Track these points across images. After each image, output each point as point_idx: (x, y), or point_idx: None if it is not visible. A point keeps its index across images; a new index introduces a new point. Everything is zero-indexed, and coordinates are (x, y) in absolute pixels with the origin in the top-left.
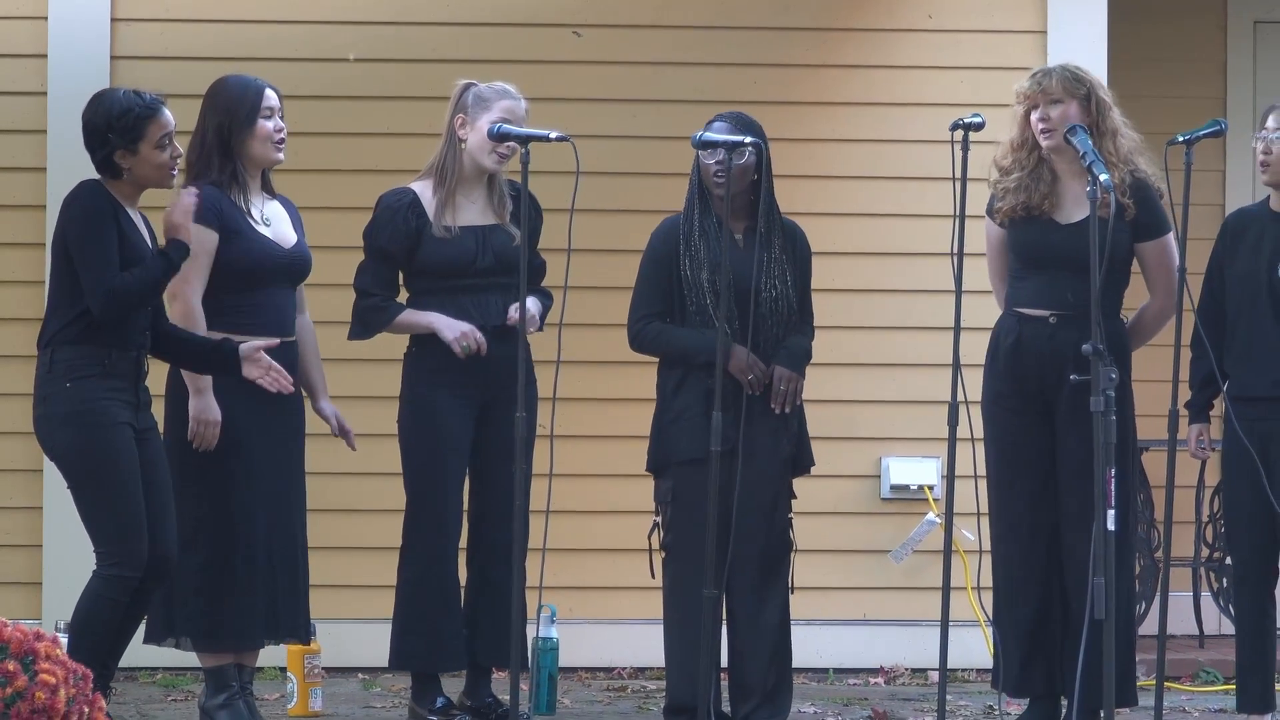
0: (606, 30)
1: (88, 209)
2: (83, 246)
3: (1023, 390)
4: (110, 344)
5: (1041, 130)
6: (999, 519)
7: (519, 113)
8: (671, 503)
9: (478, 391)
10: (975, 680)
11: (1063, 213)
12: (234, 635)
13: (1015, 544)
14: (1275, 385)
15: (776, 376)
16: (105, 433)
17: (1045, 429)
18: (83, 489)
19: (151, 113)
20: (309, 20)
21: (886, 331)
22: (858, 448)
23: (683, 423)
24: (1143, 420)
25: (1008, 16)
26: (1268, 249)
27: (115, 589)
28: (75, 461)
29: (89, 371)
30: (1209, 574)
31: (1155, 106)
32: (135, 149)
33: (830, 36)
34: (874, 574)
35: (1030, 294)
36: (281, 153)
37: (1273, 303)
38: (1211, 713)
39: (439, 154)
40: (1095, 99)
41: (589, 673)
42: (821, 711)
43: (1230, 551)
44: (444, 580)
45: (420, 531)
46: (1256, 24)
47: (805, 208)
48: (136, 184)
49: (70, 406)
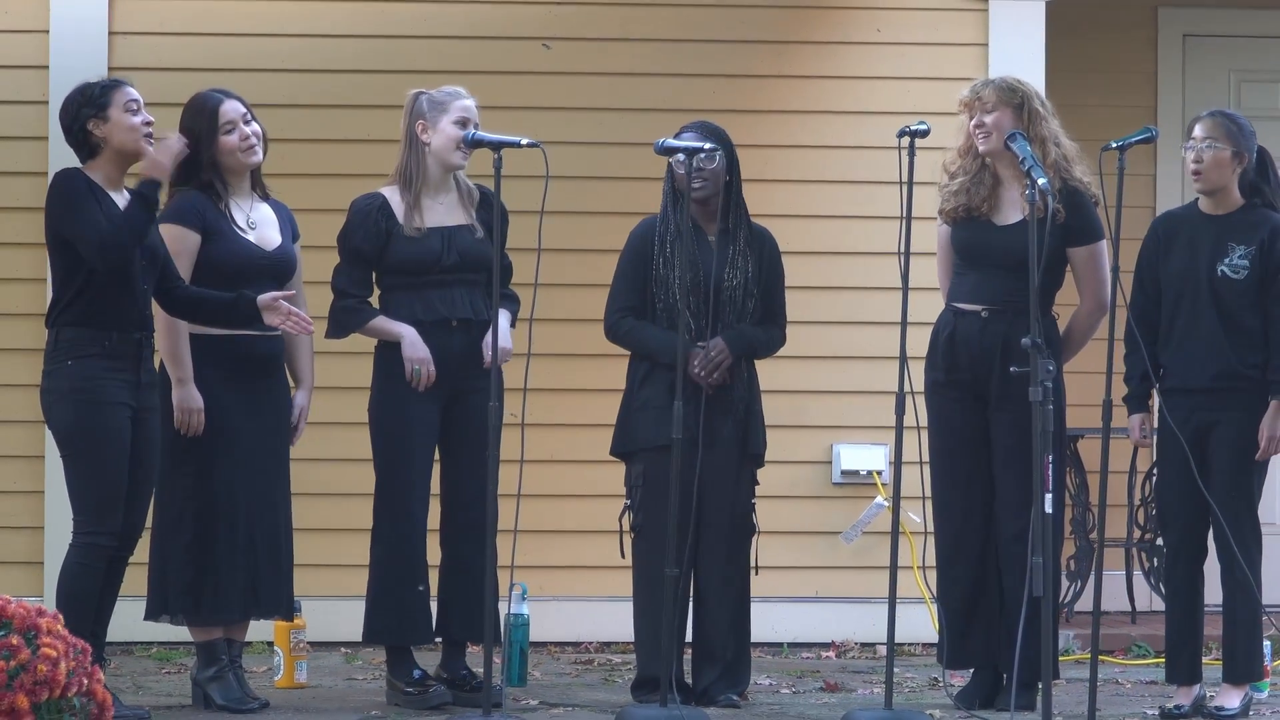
0: (574, 43)
1: (64, 189)
2: (67, 214)
3: (957, 379)
4: (111, 326)
5: (979, 137)
6: (938, 500)
7: (472, 110)
8: (642, 486)
9: (445, 381)
10: (921, 654)
11: (1000, 215)
12: (215, 610)
13: (953, 524)
14: (1215, 378)
15: (711, 344)
16: (99, 410)
17: (979, 416)
18: (71, 460)
19: (116, 83)
20: (294, 34)
21: (838, 326)
22: (811, 435)
23: (649, 410)
24: (1078, 409)
25: (951, 30)
26: (1205, 248)
27: (90, 555)
28: (68, 434)
29: (90, 351)
30: (1140, 554)
31: (1090, 115)
32: (105, 115)
33: (785, 49)
34: (826, 554)
35: (966, 290)
36: (255, 155)
37: (1213, 298)
38: (1143, 684)
39: (401, 161)
40: (1029, 108)
41: (558, 647)
42: (777, 683)
43: (1163, 532)
44: (411, 560)
45: (388, 514)
46: (1185, 37)
47: (761, 210)
48: (115, 158)
49: (70, 383)
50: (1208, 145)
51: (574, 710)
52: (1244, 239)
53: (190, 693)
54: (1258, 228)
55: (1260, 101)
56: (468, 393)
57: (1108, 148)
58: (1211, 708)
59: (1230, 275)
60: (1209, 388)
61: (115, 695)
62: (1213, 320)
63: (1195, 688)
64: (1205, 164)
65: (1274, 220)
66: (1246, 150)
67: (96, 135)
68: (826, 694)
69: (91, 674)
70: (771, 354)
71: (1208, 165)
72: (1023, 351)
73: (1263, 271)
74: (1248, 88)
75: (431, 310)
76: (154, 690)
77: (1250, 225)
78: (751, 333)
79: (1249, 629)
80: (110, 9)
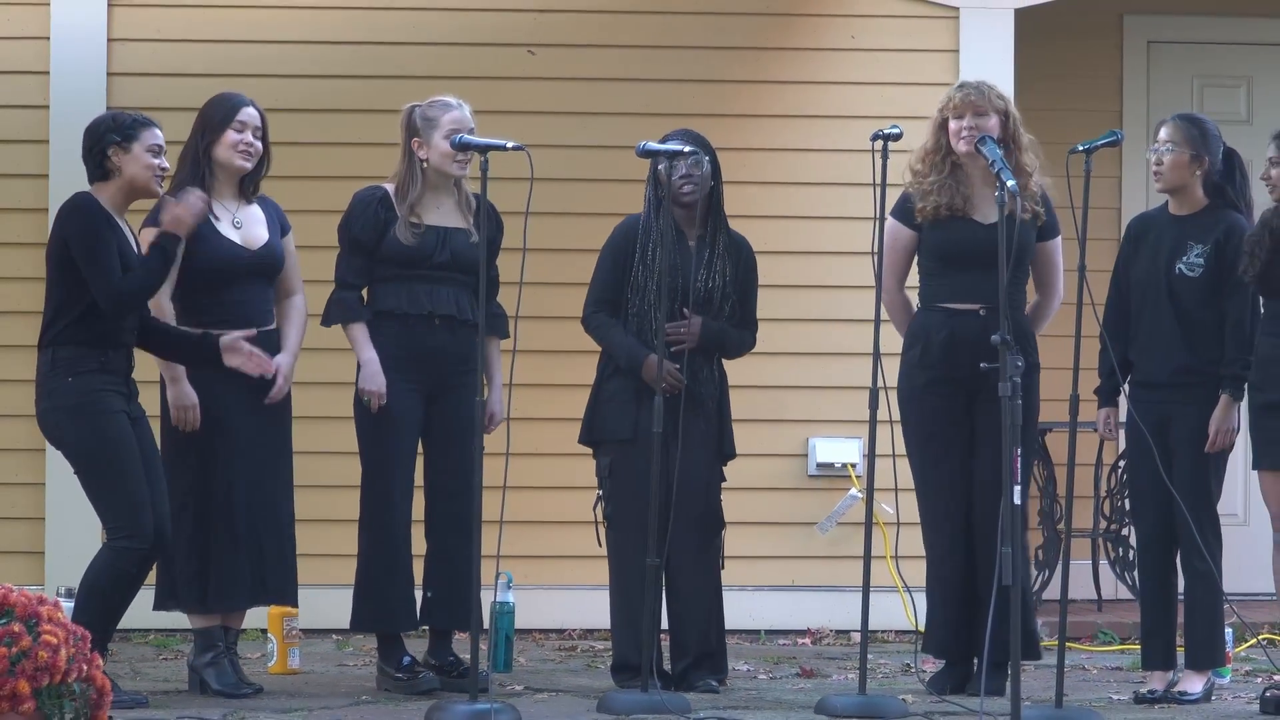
0: (558, 49)
1: (87, 220)
2: (89, 254)
3: (954, 377)
4: (107, 343)
5: (964, 137)
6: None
7: (463, 118)
8: (609, 477)
9: (427, 377)
10: (894, 641)
11: (981, 213)
12: (221, 599)
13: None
14: (1173, 373)
15: (691, 320)
16: (108, 420)
17: (968, 413)
18: (91, 473)
19: (148, 122)
20: (288, 40)
21: (813, 324)
22: (787, 429)
23: (614, 404)
24: (1047, 404)
25: (923, 37)
26: (1166, 249)
27: (126, 560)
28: (83, 448)
29: (89, 367)
30: (1106, 544)
31: (1058, 119)
32: (128, 148)
33: (762, 55)
34: (802, 544)
35: (957, 290)
36: (246, 162)
37: (1170, 297)
38: (1109, 670)
39: (400, 172)
40: (1011, 115)
41: (543, 634)
42: (754, 669)
43: (1134, 523)
44: (395, 550)
45: (373, 506)
46: (1149, 44)
47: (740, 211)
48: (125, 188)
49: (75, 399)
50: (1168, 148)
51: (558, 695)
52: (1202, 238)
53: (187, 678)
54: (1215, 227)
55: (1222, 106)
56: (450, 388)
57: (1074, 151)
58: (1175, 692)
59: (1187, 274)
60: (1167, 383)
61: (114, 681)
62: (1170, 318)
63: (1169, 673)
64: (1164, 166)
65: (1230, 219)
66: (1208, 153)
67: (113, 162)
68: (802, 680)
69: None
70: (740, 355)
71: (1166, 167)
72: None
73: (1218, 269)
74: (1210, 92)
75: (417, 304)
76: (151, 676)
77: (1209, 225)
78: (726, 329)
79: (1210, 617)
80: (109, 16)
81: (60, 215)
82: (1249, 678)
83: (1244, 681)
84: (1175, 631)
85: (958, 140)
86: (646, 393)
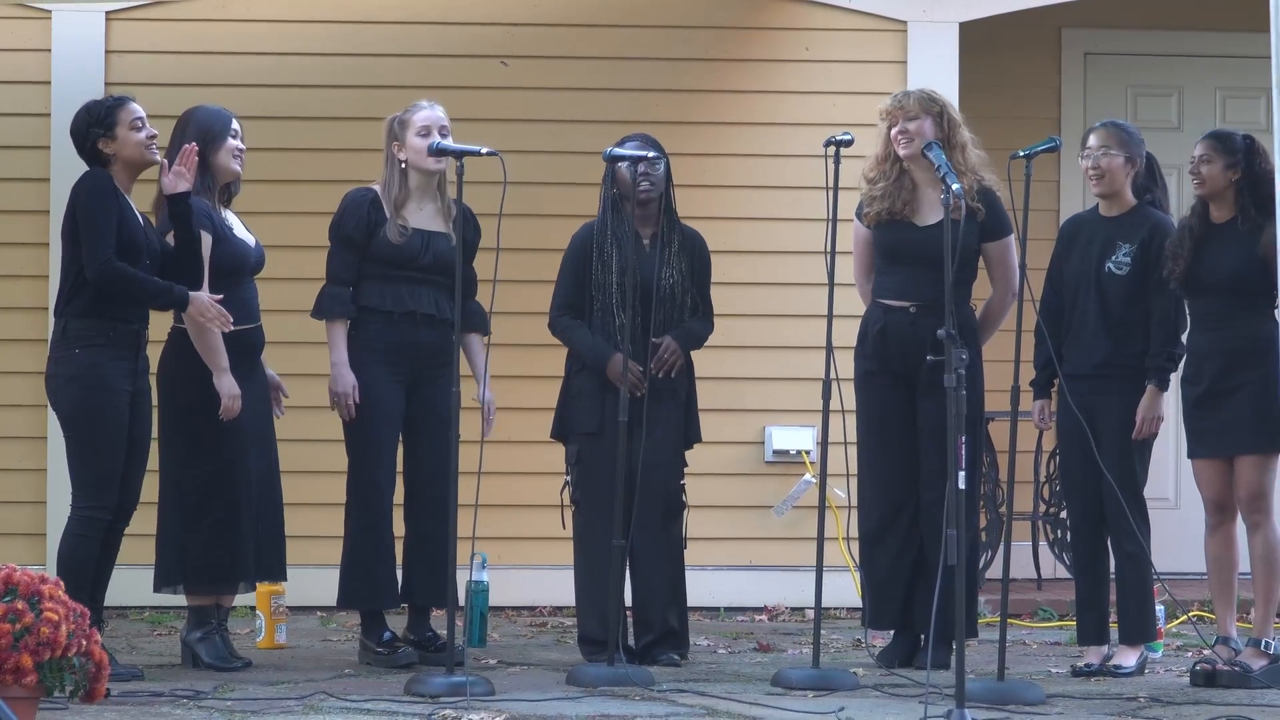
0: (529, 61)
1: (95, 189)
2: (87, 218)
3: (888, 369)
4: (114, 318)
5: (900, 143)
6: (867, 478)
7: (434, 116)
8: (577, 465)
9: (407, 370)
10: (846, 617)
11: (920, 216)
12: (222, 579)
13: (880, 499)
14: (1097, 366)
15: (664, 346)
16: (101, 396)
17: (906, 402)
18: (73, 440)
19: (119, 102)
20: (276, 53)
21: (770, 319)
22: (745, 418)
23: (582, 399)
24: (990, 394)
25: (873, 49)
26: (1097, 248)
27: (87, 527)
28: (72, 417)
29: (96, 340)
30: (1045, 526)
31: (999, 126)
32: (113, 134)
33: (721, 66)
34: (759, 526)
35: (893, 287)
36: (241, 165)
37: (1098, 294)
38: (1048, 645)
39: (384, 177)
40: (947, 117)
41: (515, 611)
42: (714, 644)
43: (1066, 505)
44: (380, 532)
45: (359, 491)
46: (1086, 56)
47: (701, 213)
48: (125, 167)
49: (77, 370)
50: (1103, 153)
51: (530, 669)
52: (1129, 237)
53: (180, 653)
54: (1141, 226)
55: (1154, 114)
56: (428, 380)
57: (1015, 156)
58: (1110, 666)
59: (1115, 272)
60: (1093, 374)
61: (111, 655)
62: (1096, 313)
63: (1104, 648)
64: (1104, 169)
65: (1155, 218)
66: (1137, 155)
67: (106, 152)
68: (760, 654)
69: (90, 636)
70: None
71: (1106, 170)
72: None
73: (1143, 267)
74: (1143, 101)
75: (400, 303)
76: (146, 650)
77: (1136, 225)
78: (696, 329)
79: (1140, 596)
80: (107, 30)
81: (72, 190)
82: (1180, 652)
83: (1176, 656)
84: (1108, 609)
85: (897, 146)
86: (611, 388)
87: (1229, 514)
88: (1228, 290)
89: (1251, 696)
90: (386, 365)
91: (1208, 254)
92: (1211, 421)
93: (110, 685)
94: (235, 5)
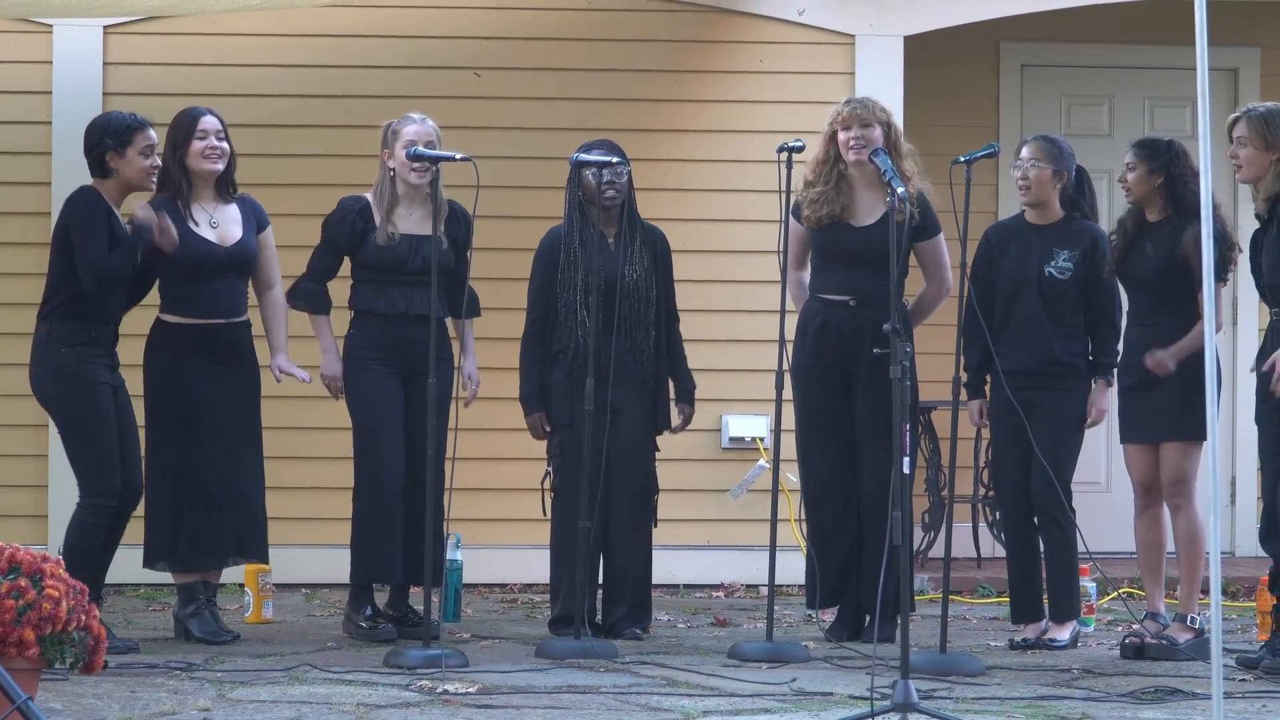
0: (501, 72)
1: (89, 207)
2: (81, 235)
3: (826, 361)
4: (96, 319)
5: (852, 147)
6: (806, 466)
7: (425, 131)
8: (559, 455)
9: (403, 364)
10: (798, 594)
11: (857, 218)
12: (200, 557)
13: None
14: (1040, 363)
15: (683, 418)
16: (89, 390)
17: (843, 392)
18: (68, 435)
19: (141, 125)
20: (265, 64)
21: (726, 314)
22: (703, 407)
23: (555, 394)
24: (933, 385)
25: (824, 61)
26: (1034, 254)
27: (94, 515)
28: (64, 411)
29: (79, 340)
30: (985, 508)
31: (941, 133)
32: (123, 152)
33: (681, 77)
34: (716, 508)
35: (833, 284)
36: (215, 165)
37: (1040, 296)
38: (987, 620)
39: (377, 181)
40: (893, 126)
41: (487, 588)
42: (674, 619)
43: (996, 490)
44: (385, 512)
45: (365, 473)
46: (1023, 67)
47: (662, 214)
48: (121, 185)
49: (63, 368)
50: (1032, 165)
51: (501, 642)
52: (1068, 245)
53: (172, 627)
54: (1080, 236)
55: (1086, 122)
56: (420, 375)
57: (956, 162)
58: (1046, 639)
59: (1056, 276)
60: (1035, 370)
61: (109, 629)
62: (1040, 314)
63: (1040, 623)
64: (1032, 180)
65: (1093, 230)
66: (1066, 169)
67: (111, 165)
68: (717, 628)
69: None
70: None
71: (1034, 182)
72: (884, 334)
73: (1087, 273)
74: (1076, 110)
75: (393, 306)
76: (142, 625)
77: (1073, 234)
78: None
79: (1067, 577)
80: (105, 42)
81: (65, 204)
82: (1111, 626)
83: (1107, 630)
84: (1040, 587)
85: (847, 150)
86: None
87: (1156, 497)
88: (1151, 287)
89: (1178, 669)
90: (385, 362)
91: (1136, 250)
92: (1141, 410)
93: (108, 658)
94: (225, 20)
